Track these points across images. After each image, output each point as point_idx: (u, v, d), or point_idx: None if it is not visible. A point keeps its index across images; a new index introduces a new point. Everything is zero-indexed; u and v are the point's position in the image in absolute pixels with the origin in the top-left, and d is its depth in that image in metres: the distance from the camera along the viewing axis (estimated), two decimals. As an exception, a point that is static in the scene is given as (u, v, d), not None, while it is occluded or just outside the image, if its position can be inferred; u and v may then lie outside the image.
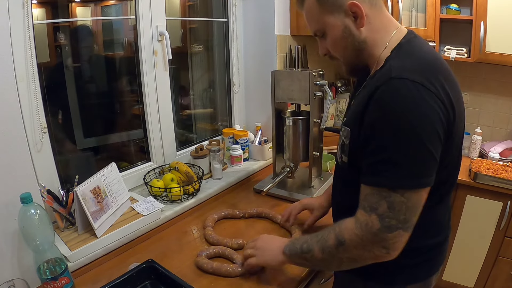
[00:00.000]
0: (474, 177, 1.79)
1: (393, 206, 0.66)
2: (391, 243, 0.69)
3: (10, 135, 0.88)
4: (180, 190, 1.32)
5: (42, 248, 0.86)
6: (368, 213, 0.69)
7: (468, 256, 1.93)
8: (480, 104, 2.17)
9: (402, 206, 0.66)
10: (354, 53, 0.78)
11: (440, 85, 0.67)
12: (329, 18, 0.76)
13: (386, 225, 0.67)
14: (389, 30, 0.77)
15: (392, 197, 0.66)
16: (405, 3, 1.89)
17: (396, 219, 0.67)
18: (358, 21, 0.74)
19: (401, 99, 0.64)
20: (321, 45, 0.83)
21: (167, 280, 0.93)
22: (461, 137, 0.78)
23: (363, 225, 0.70)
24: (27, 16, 0.97)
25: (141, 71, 1.38)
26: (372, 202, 0.69)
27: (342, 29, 0.76)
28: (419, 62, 0.70)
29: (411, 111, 0.63)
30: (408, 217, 0.67)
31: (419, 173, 0.66)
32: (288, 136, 1.46)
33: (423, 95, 0.64)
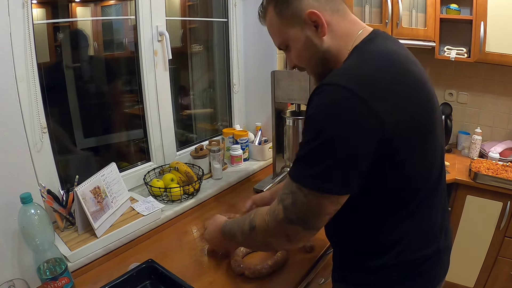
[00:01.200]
0: (474, 177, 1.79)
1: (296, 202, 0.69)
2: (291, 234, 0.72)
3: (10, 135, 0.88)
4: (180, 190, 1.32)
5: (42, 248, 0.86)
6: (278, 202, 0.73)
7: (468, 256, 1.93)
8: (480, 104, 2.17)
9: (303, 206, 0.68)
10: (319, 62, 0.76)
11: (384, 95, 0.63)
12: (290, 30, 0.75)
13: (288, 218, 0.70)
14: (353, 34, 0.74)
15: (297, 194, 0.68)
16: (405, 3, 1.89)
17: (297, 215, 0.69)
18: (319, 30, 0.73)
19: (322, 103, 0.64)
20: (288, 57, 0.83)
21: (167, 280, 0.93)
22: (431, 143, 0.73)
23: (271, 212, 0.74)
24: (27, 16, 0.97)
25: (141, 71, 1.38)
26: (283, 193, 0.72)
27: (303, 40, 0.75)
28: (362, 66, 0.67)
29: (334, 117, 0.62)
30: (308, 217, 0.69)
31: (323, 178, 0.65)
32: (288, 136, 1.46)
33: (348, 103, 0.61)
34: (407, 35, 1.90)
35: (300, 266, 1.03)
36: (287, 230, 0.72)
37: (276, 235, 0.74)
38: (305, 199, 0.67)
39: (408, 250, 0.75)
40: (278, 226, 0.73)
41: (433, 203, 0.78)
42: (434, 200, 0.79)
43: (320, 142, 0.64)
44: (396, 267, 0.75)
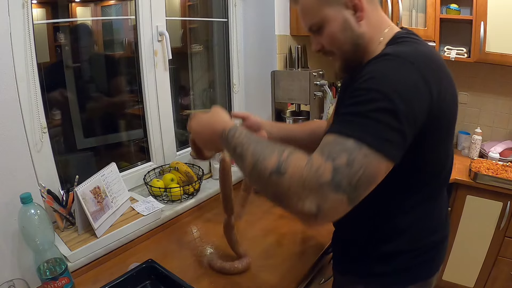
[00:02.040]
0: (474, 177, 1.79)
1: (352, 163, 0.57)
2: (328, 205, 0.57)
3: (10, 135, 0.88)
4: (180, 190, 1.32)
5: (42, 248, 0.86)
6: (325, 159, 0.58)
7: (468, 256, 1.93)
8: (480, 104, 2.17)
9: (361, 168, 0.58)
10: (352, 47, 0.76)
11: (434, 75, 0.66)
12: (328, 10, 0.73)
13: (336, 182, 0.56)
14: (383, 27, 0.77)
15: (355, 152, 0.58)
16: (405, 3, 1.89)
17: (349, 180, 0.57)
18: (357, 14, 0.73)
19: (391, 69, 0.64)
20: (316, 40, 0.80)
21: (167, 280, 0.93)
22: (452, 135, 0.77)
23: (314, 168, 0.58)
24: (27, 16, 0.97)
25: (141, 71, 1.38)
26: (334, 151, 0.59)
27: (341, 22, 0.73)
28: (414, 50, 0.69)
29: (398, 82, 0.62)
30: (360, 185, 0.58)
31: (388, 139, 0.60)
32: (288, 136, 1.46)
33: (412, 73, 0.63)
34: (407, 35, 1.90)
35: (301, 266, 1.03)
36: (327, 197, 0.56)
37: (307, 199, 0.57)
38: (364, 160, 0.58)
39: (421, 235, 0.78)
40: (318, 190, 0.57)
41: (444, 189, 0.84)
42: (445, 186, 0.84)
43: (382, 103, 0.61)
44: (410, 252, 0.78)
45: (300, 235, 1.19)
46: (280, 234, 1.20)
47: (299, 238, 1.18)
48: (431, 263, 0.82)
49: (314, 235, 1.19)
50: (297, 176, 0.59)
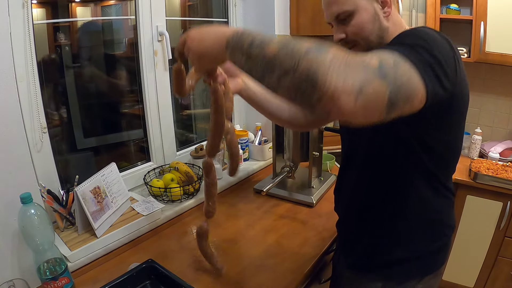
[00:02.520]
0: (474, 177, 1.79)
1: (398, 67, 0.55)
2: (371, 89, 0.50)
3: (10, 135, 0.88)
4: (180, 190, 1.32)
5: (42, 248, 0.86)
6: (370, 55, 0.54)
7: (468, 256, 1.93)
8: (480, 104, 2.17)
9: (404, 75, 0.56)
10: (377, 39, 0.79)
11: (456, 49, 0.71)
12: (361, 0, 0.77)
13: (383, 71, 0.52)
14: (402, 28, 0.81)
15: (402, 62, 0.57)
16: (405, 3, 1.89)
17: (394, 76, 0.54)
18: (385, 10, 0.77)
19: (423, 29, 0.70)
20: (340, 29, 0.80)
21: (167, 280, 0.93)
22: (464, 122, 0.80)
23: (360, 57, 0.53)
24: (27, 16, 0.97)
25: (141, 71, 1.38)
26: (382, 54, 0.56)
27: (372, 13, 0.77)
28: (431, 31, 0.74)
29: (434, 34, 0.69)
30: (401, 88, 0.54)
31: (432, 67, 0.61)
32: (288, 136, 1.46)
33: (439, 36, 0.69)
34: (407, 35, 1.90)
35: (301, 266, 1.03)
36: (372, 81, 0.50)
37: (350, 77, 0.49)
38: (408, 71, 0.57)
39: (435, 225, 0.83)
40: (362, 71, 0.50)
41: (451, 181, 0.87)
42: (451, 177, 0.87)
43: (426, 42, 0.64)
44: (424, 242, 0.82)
45: (300, 235, 1.19)
46: (280, 234, 1.20)
47: (299, 238, 1.18)
48: (443, 253, 0.86)
49: (314, 235, 1.19)
50: (341, 56, 0.51)
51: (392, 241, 0.83)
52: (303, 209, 1.36)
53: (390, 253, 0.83)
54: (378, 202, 0.84)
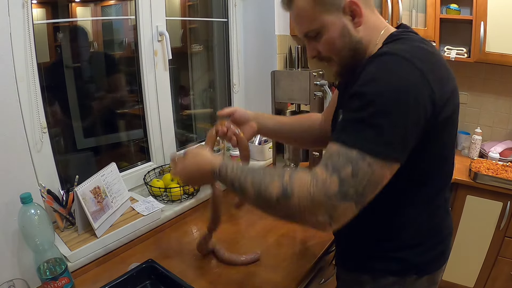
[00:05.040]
0: (474, 177, 1.79)
1: (357, 174, 0.61)
2: (339, 213, 0.62)
3: (10, 135, 0.88)
4: (180, 190, 1.32)
5: (42, 248, 0.86)
6: (329, 172, 0.62)
7: (468, 256, 1.93)
8: (480, 104, 2.17)
9: (365, 177, 0.61)
10: (350, 53, 0.76)
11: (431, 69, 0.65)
12: (327, 17, 0.73)
13: (344, 192, 0.60)
14: (380, 28, 0.77)
15: (359, 163, 0.61)
16: (405, 3, 1.89)
17: (355, 189, 0.61)
18: (356, 20, 0.73)
19: (389, 70, 0.64)
20: (311, 46, 0.80)
21: (167, 280, 0.93)
22: (455, 130, 0.77)
23: (320, 183, 0.62)
24: (27, 16, 0.97)
25: (141, 71, 1.38)
26: (337, 163, 0.62)
27: (340, 28, 0.73)
28: (410, 46, 0.69)
29: (397, 82, 0.62)
30: (366, 191, 0.62)
31: (391, 144, 0.62)
32: (288, 136, 1.46)
33: (412, 72, 0.63)
34: (407, 35, 1.90)
35: (301, 266, 1.03)
36: (337, 207, 0.61)
37: (318, 213, 0.62)
38: (368, 169, 0.60)
39: (427, 230, 0.80)
40: (326, 202, 0.61)
41: (448, 186, 0.84)
42: (449, 182, 0.84)
43: (380, 107, 0.61)
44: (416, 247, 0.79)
45: (300, 235, 1.19)
46: (280, 234, 1.20)
47: (299, 238, 1.18)
48: (439, 257, 0.84)
49: (314, 235, 1.19)
50: (304, 194, 0.62)
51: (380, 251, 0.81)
52: (303, 209, 1.36)
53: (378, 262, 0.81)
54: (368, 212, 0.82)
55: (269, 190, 0.66)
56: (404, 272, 0.80)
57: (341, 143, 0.63)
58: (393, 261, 0.80)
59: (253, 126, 1.01)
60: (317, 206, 0.62)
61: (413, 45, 0.70)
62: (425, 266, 0.81)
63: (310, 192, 0.62)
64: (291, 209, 0.64)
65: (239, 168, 0.73)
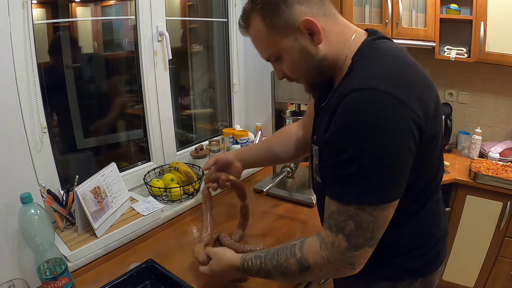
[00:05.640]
0: (474, 177, 1.79)
1: (360, 225, 0.64)
2: (357, 259, 0.67)
3: (10, 135, 0.88)
4: (180, 190, 1.32)
5: (42, 248, 0.86)
6: (334, 232, 0.67)
7: (468, 256, 1.93)
8: (480, 104, 2.17)
9: (369, 224, 0.64)
10: (316, 71, 0.73)
11: (408, 89, 0.63)
12: (283, 41, 0.70)
13: (354, 244, 0.65)
14: (348, 38, 0.72)
15: (359, 216, 0.63)
16: (405, 3, 1.89)
17: (363, 237, 0.65)
18: (315, 38, 0.69)
19: (364, 113, 0.60)
20: (276, 68, 0.78)
21: (167, 280, 0.93)
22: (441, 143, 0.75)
23: (329, 245, 0.67)
24: (27, 16, 0.97)
25: (141, 71, 1.38)
26: (339, 221, 0.65)
27: (299, 50, 0.70)
28: (381, 65, 0.65)
29: (377, 123, 0.59)
30: (375, 234, 0.65)
31: (388, 189, 0.63)
32: (288, 136, 1.46)
33: (389, 105, 0.59)
34: (407, 35, 1.90)
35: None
36: (353, 257, 0.66)
37: (340, 267, 0.69)
38: (370, 217, 0.63)
39: (420, 237, 0.79)
40: (342, 257, 0.67)
41: (438, 192, 0.84)
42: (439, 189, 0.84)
43: (373, 153, 0.60)
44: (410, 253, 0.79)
45: (300, 236, 1.19)
46: (280, 234, 1.20)
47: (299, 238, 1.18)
48: (433, 260, 0.83)
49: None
50: (320, 261, 0.69)
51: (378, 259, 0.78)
52: (303, 209, 1.36)
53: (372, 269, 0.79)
54: None
55: (289, 268, 0.73)
56: (397, 276, 0.80)
57: (338, 201, 0.66)
58: (386, 266, 0.79)
59: (237, 166, 1.09)
60: (336, 264, 0.68)
61: (385, 64, 0.66)
62: (418, 269, 0.80)
63: (323, 256, 0.69)
64: (317, 274, 0.72)
65: (257, 258, 0.80)
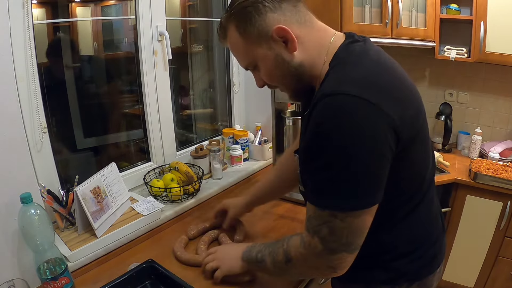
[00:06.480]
0: (474, 177, 1.79)
1: (334, 231, 0.65)
2: (336, 263, 0.68)
3: (10, 135, 0.88)
4: (180, 190, 1.32)
5: (42, 248, 0.86)
6: (311, 235, 0.69)
7: (468, 256, 1.93)
8: (480, 104, 2.17)
9: (344, 231, 0.64)
10: (294, 78, 0.73)
11: (383, 92, 0.62)
12: (258, 49, 0.71)
13: (329, 248, 0.66)
14: (325, 43, 0.72)
15: (332, 222, 0.64)
16: (405, 3, 1.88)
17: (339, 242, 0.66)
18: (289, 46, 0.69)
19: (338, 117, 0.60)
20: (256, 77, 0.79)
21: (167, 280, 0.93)
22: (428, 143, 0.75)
23: (307, 245, 0.70)
24: (27, 16, 0.97)
25: (141, 71, 1.38)
26: (315, 225, 0.67)
27: (273, 58, 0.71)
28: (355, 70, 0.65)
29: (347, 129, 0.59)
30: (351, 240, 0.65)
31: (362, 195, 0.62)
32: (288, 136, 1.46)
33: (361, 110, 0.59)
34: (407, 35, 1.90)
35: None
36: (331, 260, 0.68)
37: (319, 267, 0.71)
38: (343, 223, 0.64)
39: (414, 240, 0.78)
40: (319, 259, 0.69)
41: (430, 192, 0.81)
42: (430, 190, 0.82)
43: (345, 160, 0.60)
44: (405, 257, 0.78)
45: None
46: (280, 234, 1.20)
47: (299, 238, 1.18)
48: (430, 262, 0.82)
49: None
50: (298, 256, 0.73)
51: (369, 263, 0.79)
52: (303, 209, 1.35)
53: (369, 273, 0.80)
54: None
55: (277, 257, 0.78)
56: (394, 281, 0.79)
57: (314, 205, 0.67)
58: (384, 271, 0.79)
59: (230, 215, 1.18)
60: (314, 264, 0.71)
61: (359, 69, 0.65)
62: (415, 272, 0.80)
63: (302, 253, 0.72)
64: (298, 269, 0.76)
65: (260, 244, 0.87)
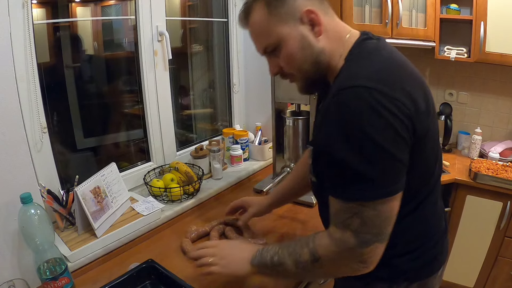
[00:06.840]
0: (474, 177, 1.79)
1: (366, 221, 0.64)
2: (368, 257, 0.67)
3: (10, 135, 0.88)
4: (180, 190, 1.32)
5: (42, 248, 0.86)
6: (341, 229, 0.67)
7: (468, 256, 1.93)
8: (480, 104, 2.17)
9: (375, 219, 0.64)
10: (313, 66, 0.73)
11: (396, 85, 0.63)
12: (283, 28, 0.70)
13: (362, 240, 0.66)
14: (343, 37, 0.73)
15: (364, 212, 0.64)
16: (405, 3, 1.88)
17: (371, 233, 0.65)
18: (315, 30, 0.70)
19: (353, 109, 0.61)
20: (272, 63, 0.77)
21: (167, 280, 0.93)
22: (437, 140, 0.75)
23: (339, 241, 0.68)
24: (27, 16, 0.97)
25: (141, 71, 1.38)
26: (344, 218, 0.67)
27: (299, 39, 0.70)
28: (370, 65, 0.66)
29: (366, 120, 0.60)
30: (382, 229, 0.66)
31: (388, 182, 0.63)
32: (288, 136, 1.46)
33: (377, 100, 0.60)
34: (407, 35, 1.90)
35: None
36: (363, 253, 0.67)
37: (350, 264, 0.69)
38: (374, 212, 0.64)
39: (417, 238, 0.78)
40: (352, 253, 0.67)
41: (436, 191, 0.82)
42: (437, 188, 0.82)
43: (368, 148, 0.61)
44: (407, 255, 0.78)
45: (300, 235, 1.19)
46: (280, 234, 1.20)
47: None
48: (431, 262, 0.82)
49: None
50: (330, 254, 0.70)
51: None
52: (303, 209, 1.36)
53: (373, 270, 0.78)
54: None
55: (302, 257, 0.74)
56: (393, 278, 0.79)
57: (341, 199, 0.67)
58: (383, 268, 0.77)
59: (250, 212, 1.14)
60: (346, 260, 0.69)
61: (372, 64, 0.66)
62: (415, 272, 0.80)
63: (333, 251, 0.69)
64: (326, 268, 0.73)
65: (273, 246, 0.81)
